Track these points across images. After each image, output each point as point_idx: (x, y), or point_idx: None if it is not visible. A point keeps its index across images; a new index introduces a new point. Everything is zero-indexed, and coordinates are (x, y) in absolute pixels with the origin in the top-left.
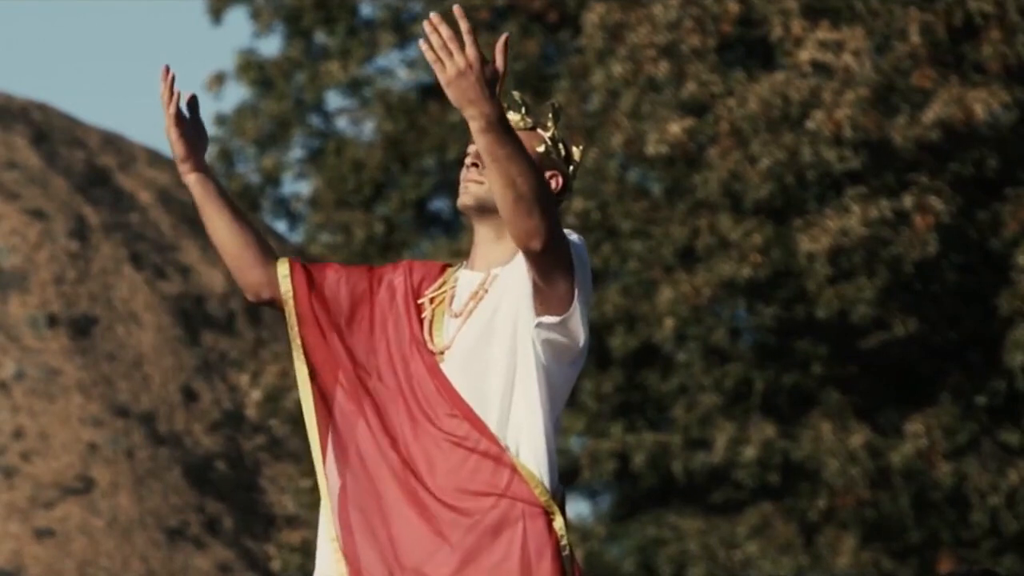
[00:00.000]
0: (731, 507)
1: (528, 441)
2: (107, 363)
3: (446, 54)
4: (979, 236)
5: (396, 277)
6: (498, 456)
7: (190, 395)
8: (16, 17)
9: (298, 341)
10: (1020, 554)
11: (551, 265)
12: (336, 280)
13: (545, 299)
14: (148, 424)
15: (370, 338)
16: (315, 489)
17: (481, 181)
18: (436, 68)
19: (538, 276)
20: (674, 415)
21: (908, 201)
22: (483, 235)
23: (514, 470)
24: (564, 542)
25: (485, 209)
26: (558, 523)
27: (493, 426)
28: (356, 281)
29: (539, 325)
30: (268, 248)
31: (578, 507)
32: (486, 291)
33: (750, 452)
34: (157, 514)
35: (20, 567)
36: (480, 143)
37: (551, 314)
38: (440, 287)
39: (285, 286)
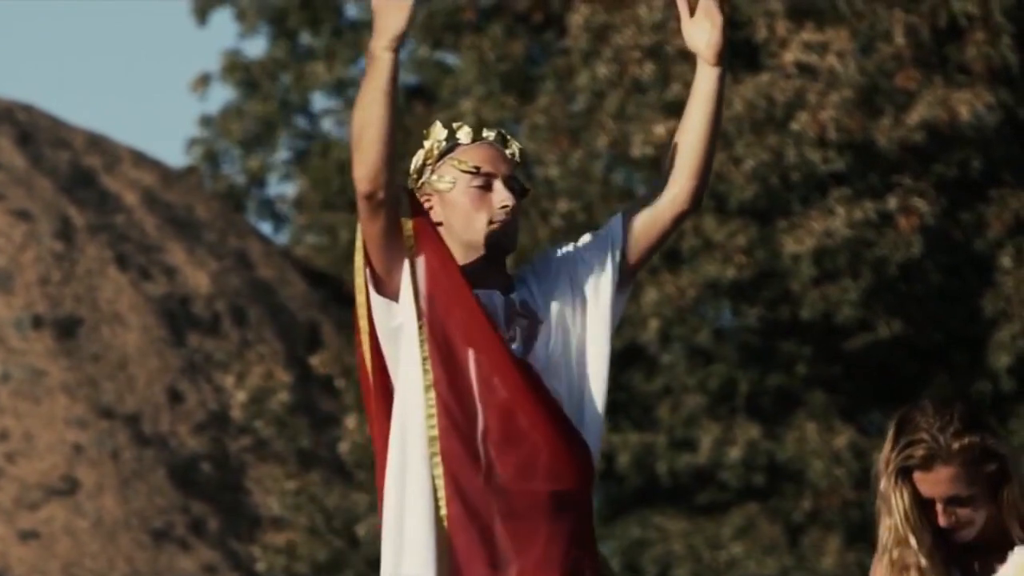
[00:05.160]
0: (716, 508)
1: (596, 440)
2: (92, 364)
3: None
4: (963, 237)
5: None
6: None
7: (175, 396)
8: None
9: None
10: None
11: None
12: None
13: (634, 267)
14: (133, 425)
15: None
16: (300, 491)
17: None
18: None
19: (663, 236)
20: (659, 416)
21: (892, 202)
22: (497, 266)
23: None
24: None
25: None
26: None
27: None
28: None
29: (617, 297)
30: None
31: None
32: (524, 312)
33: (735, 453)
34: (142, 515)
35: (5, 568)
36: (716, 82)
37: (627, 281)
38: None
39: (404, 207)
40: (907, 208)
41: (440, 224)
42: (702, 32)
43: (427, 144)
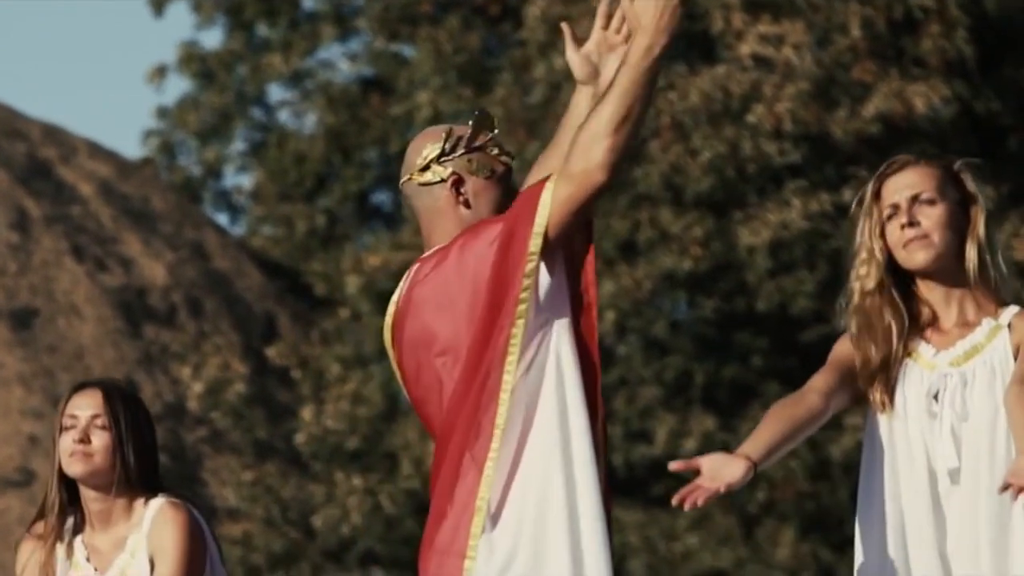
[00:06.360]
0: (671, 499)
1: None
2: (48, 355)
3: None
4: None
5: None
6: None
7: (131, 387)
8: None
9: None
10: None
11: None
12: None
13: None
14: None
15: None
16: (256, 482)
17: None
18: None
19: None
20: (614, 407)
21: (848, 195)
22: None
23: None
24: None
25: None
26: None
27: None
28: None
29: None
30: None
31: None
32: None
33: (690, 444)
34: None
35: None
36: None
37: None
38: None
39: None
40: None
41: (467, 206)
42: (604, 63)
43: (468, 128)
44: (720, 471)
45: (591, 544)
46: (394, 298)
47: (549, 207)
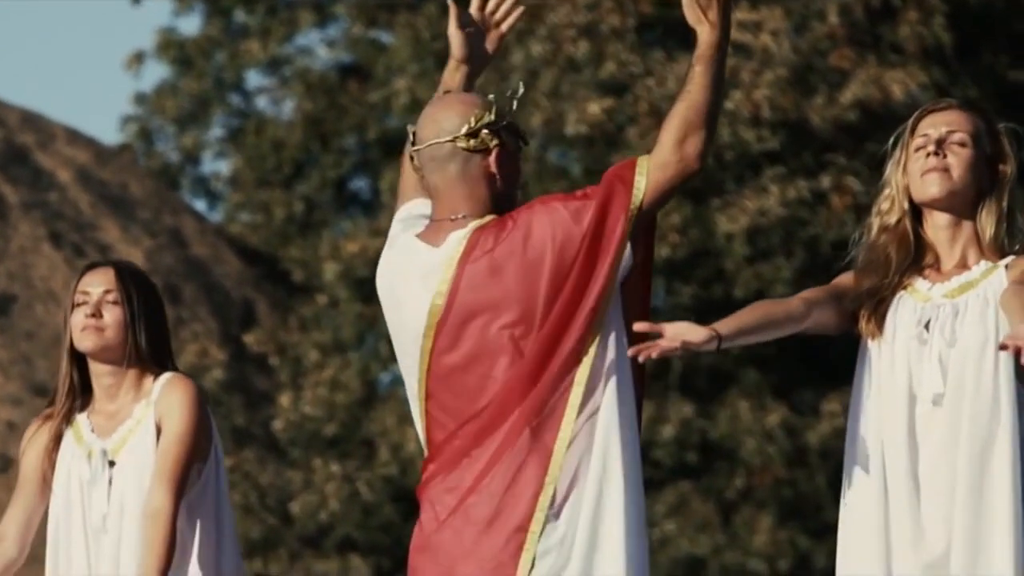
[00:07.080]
0: (649, 486)
1: None
2: (26, 342)
3: None
4: None
5: None
6: None
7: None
8: None
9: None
10: None
11: None
12: None
13: None
14: None
15: None
16: (234, 469)
17: None
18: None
19: None
20: None
21: (826, 181)
22: None
23: None
24: None
25: None
26: None
27: None
28: None
29: None
30: None
31: None
32: None
33: (668, 431)
34: None
35: None
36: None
37: None
38: None
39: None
40: (840, 187)
41: (504, 178)
42: (484, 45)
43: (507, 101)
44: (683, 334)
45: (638, 529)
46: (446, 263)
47: (643, 190)
